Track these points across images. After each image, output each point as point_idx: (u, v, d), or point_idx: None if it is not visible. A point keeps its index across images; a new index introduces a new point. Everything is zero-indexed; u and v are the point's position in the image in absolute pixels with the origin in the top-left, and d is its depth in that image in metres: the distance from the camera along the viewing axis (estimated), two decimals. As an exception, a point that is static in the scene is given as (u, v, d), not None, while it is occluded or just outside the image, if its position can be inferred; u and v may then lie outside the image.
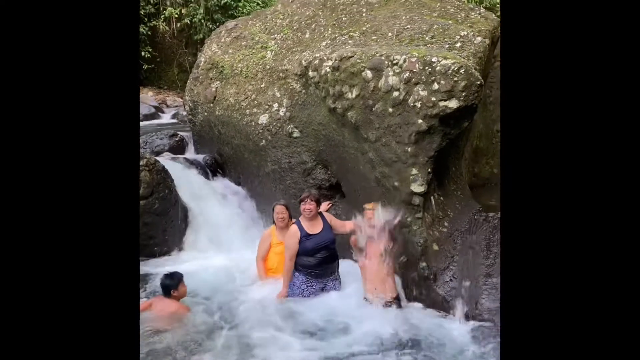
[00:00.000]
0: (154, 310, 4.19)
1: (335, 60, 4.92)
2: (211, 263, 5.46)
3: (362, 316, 4.07)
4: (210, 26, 12.88)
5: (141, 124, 9.97)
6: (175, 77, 14.40)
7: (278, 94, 5.87)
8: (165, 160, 6.34)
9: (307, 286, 4.41)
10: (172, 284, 4.21)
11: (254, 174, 6.29)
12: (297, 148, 5.73)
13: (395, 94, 4.41)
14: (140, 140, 7.22)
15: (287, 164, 5.81)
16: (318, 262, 4.42)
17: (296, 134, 5.72)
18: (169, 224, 5.82)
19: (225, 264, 5.35)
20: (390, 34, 5.31)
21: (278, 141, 5.86)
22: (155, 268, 5.36)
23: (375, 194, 4.75)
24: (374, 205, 4.28)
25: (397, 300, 4.21)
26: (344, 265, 4.74)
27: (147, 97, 11.90)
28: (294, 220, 4.66)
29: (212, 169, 6.68)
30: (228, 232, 5.93)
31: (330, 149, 5.40)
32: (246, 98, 6.21)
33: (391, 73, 4.45)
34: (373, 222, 4.15)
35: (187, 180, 6.27)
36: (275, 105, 5.88)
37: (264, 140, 5.99)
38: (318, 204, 4.50)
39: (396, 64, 4.44)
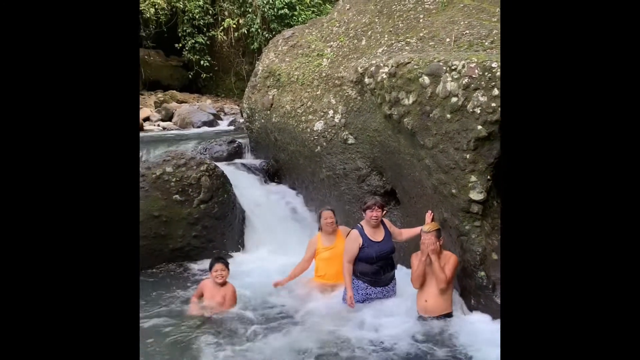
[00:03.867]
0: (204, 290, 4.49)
1: (392, 66, 4.93)
2: (267, 265, 5.57)
3: (415, 326, 4.03)
4: (267, 35, 13.19)
5: (200, 130, 10.34)
6: (233, 86, 14.82)
7: (333, 101, 5.94)
8: (223, 165, 6.54)
9: (367, 292, 4.41)
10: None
11: (308, 180, 6.37)
12: (351, 154, 5.75)
13: (454, 99, 4.36)
14: (200, 147, 7.49)
15: (341, 170, 5.84)
16: (377, 270, 4.42)
17: (351, 140, 5.76)
18: (228, 227, 5.99)
19: (281, 267, 5.43)
20: (448, 40, 5.25)
21: (333, 148, 5.91)
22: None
23: (432, 201, 4.70)
24: (431, 226, 4.18)
25: (449, 316, 4.13)
26: (400, 274, 4.71)
27: (206, 105, 12.29)
28: (345, 226, 4.69)
29: (269, 174, 6.83)
30: (284, 236, 6.03)
31: (385, 156, 5.39)
32: (302, 105, 6.31)
33: (449, 79, 4.40)
34: (432, 247, 4.06)
35: (244, 185, 6.45)
36: (331, 112, 5.95)
37: (319, 147, 6.06)
38: (383, 210, 4.50)
39: (455, 69, 4.39)
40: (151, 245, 5.67)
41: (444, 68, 4.48)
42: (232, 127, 10.49)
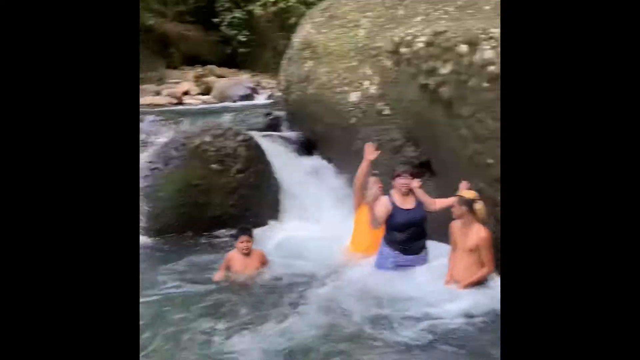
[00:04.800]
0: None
1: (429, 35, 4.86)
2: (300, 235, 5.68)
3: (445, 295, 4.02)
4: (304, 9, 13.11)
5: (237, 104, 10.48)
6: (270, 60, 14.86)
7: (369, 72, 5.91)
8: (260, 137, 6.65)
9: (396, 260, 4.45)
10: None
11: (344, 151, 6.40)
12: (387, 125, 5.74)
13: (491, 68, 4.28)
14: (237, 118, 7.63)
15: (376, 141, 5.84)
16: (407, 238, 4.45)
17: (386, 111, 5.74)
18: (263, 196, 6.13)
19: (313, 236, 5.53)
20: (487, 7, 5.12)
21: (368, 119, 5.91)
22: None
23: (467, 171, 4.67)
24: (465, 193, 4.14)
25: (480, 285, 4.10)
26: (433, 245, 4.72)
27: (243, 79, 12.42)
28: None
29: (304, 145, 6.90)
30: (318, 207, 6.13)
31: (420, 126, 5.36)
32: (338, 76, 6.31)
33: (487, 47, 4.32)
34: (457, 212, 4.04)
35: (280, 156, 6.55)
36: (366, 83, 5.93)
37: (354, 118, 6.07)
38: (413, 179, 4.51)
39: (492, 37, 4.30)
40: (190, 213, 5.87)
41: (482, 36, 4.39)
42: (268, 101, 10.58)
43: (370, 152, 4.87)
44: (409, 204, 4.48)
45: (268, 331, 3.56)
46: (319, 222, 5.93)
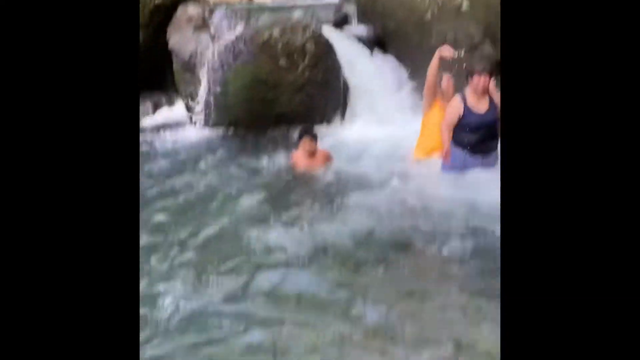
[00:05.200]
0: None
1: None
2: (366, 135, 5.63)
3: None
4: None
5: (308, 1, 10.08)
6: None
7: (450, -40, 5.42)
8: (330, 32, 6.41)
9: (466, 160, 4.32)
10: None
11: (416, 49, 6.08)
12: (464, 21, 5.35)
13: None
14: (307, 14, 7.36)
15: (452, 38, 5.49)
16: (479, 139, 4.27)
17: (465, 6, 5.31)
18: (330, 95, 6.05)
19: (379, 138, 5.46)
20: None
21: (444, 14, 5.53)
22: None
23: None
24: None
25: None
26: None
27: (315, -26, 11.83)
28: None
29: (374, 42, 6.61)
30: (386, 108, 5.98)
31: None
32: (415, -33, 5.85)
33: None
34: None
35: (349, 54, 6.33)
36: (446, -27, 5.46)
37: (429, 14, 5.69)
38: (491, 78, 4.22)
39: None
40: (257, 109, 5.94)
41: None
42: (340, -2, 10.08)
43: (444, 49, 4.57)
44: (482, 104, 4.24)
45: (319, 228, 3.58)
46: (386, 123, 5.81)
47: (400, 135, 5.29)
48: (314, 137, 4.66)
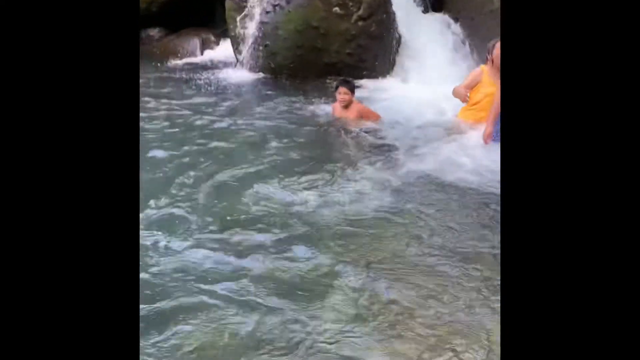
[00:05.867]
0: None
1: None
2: (412, 94, 5.49)
3: None
4: None
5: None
6: None
7: None
8: (387, -16, 6.19)
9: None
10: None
11: (476, 11, 5.84)
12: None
13: None
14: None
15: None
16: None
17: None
18: (382, 49, 5.89)
19: (429, 98, 5.32)
20: None
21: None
22: (360, 90, 5.66)
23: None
24: None
25: None
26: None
27: None
28: None
29: (432, 1, 6.37)
30: (437, 68, 5.80)
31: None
32: None
33: None
34: None
35: (405, 9, 6.14)
36: None
37: (496, -27, 5.40)
38: None
39: None
40: (306, 56, 5.84)
41: None
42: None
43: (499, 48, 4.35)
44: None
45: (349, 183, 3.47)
46: (437, 84, 5.65)
47: (450, 99, 5.15)
48: (351, 89, 4.58)
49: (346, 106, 4.59)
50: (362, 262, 2.47)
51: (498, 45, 4.39)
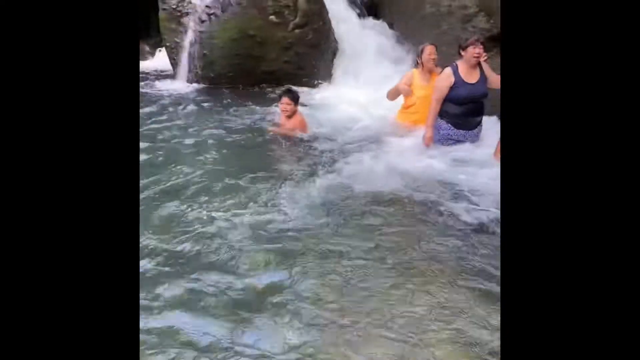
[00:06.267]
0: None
1: None
2: (352, 99, 5.56)
3: (489, 173, 3.86)
4: None
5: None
6: None
7: None
8: (322, -8, 6.26)
9: (449, 133, 4.32)
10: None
11: (409, 16, 5.99)
12: (461, -9, 5.25)
13: None
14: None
15: (446, 7, 5.41)
16: (464, 112, 4.25)
17: (463, -26, 5.21)
18: (319, 56, 5.94)
19: (365, 102, 5.40)
20: None
21: (442, -18, 5.40)
22: (301, 97, 5.67)
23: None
24: None
25: None
26: (489, 122, 4.51)
27: None
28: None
29: (368, 6, 6.49)
30: (373, 72, 5.91)
31: (499, -6, 4.87)
32: None
33: None
34: None
35: (341, 16, 6.23)
36: (446, -62, 5.32)
37: (426, -20, 5.57)
38: (484, 50, 4.17)
39: None
40: (244, 64, 5.80)
41: None
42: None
43: (428, 53, 4.52)
44: (473, 77, 4.20)
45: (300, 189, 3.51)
46: (373, 89, 5.75)
47: (387, 103, 5.25)
48: (293, 99, 4.57)
49: (289, 116, 4.59)
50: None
51: (427, 48, 4.54)
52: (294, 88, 5.21)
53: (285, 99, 4.55)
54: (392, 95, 4.76)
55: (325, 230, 2.93)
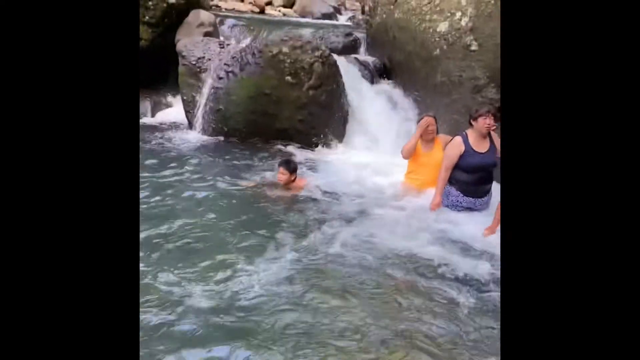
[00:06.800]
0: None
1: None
2: (361, 160, 5.64)
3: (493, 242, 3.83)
4: None
5: (319, 21, 10.23)
6: (357, -19, 14.24)
7: (464, 2, 5.53)
8: (337, 57, 6.49)
9: (458, 200, 4.35)
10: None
11: (420, 84, 6.18)
12: (472, 62, 5.45)
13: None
14: (316, 35, 7.46)
15: (457, 77, 5.59)
16: (474, 181, 4.31)
17: (474, 47, 5.42)
18: (332, 117, 6.08)
19: (374, 165, 5.47)
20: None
21: (453, 52, 5.61)
22: (310, 154, 5.79)
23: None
24: None
25: None
26: (497, 190, 4.55)
27: (328, -3, 12.03)
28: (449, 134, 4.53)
29: (380, 72, 6.70)
30: (384, 136, 6.03)
31: (508, 68, 5.03)
32: (429, 3, 5.96)
33: None
34: None
35: (354, 79, 6.41)
36: (459, 13, 5.57)
37: (438, 50, 5.78)
38: (495, 121, 4.28)
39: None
40: (258, 121, 5.94)
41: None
42: (350, 23, 10.26)
43: (423, 121, 4.64)
44: (483, 146, 4.28)
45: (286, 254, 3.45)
46: (383, 151, 5.85)
47: (395, 164, 5.29)
48: (289, 169, 4.59)
49: (287, 184, 4.61)
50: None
51: (424, 120, 4.63)
52: (296, 155, 5.35)
53: (281, 169, 4.61)
54: (407, 153, 4.78)
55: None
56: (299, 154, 5.83)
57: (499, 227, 3.96)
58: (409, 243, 3.73)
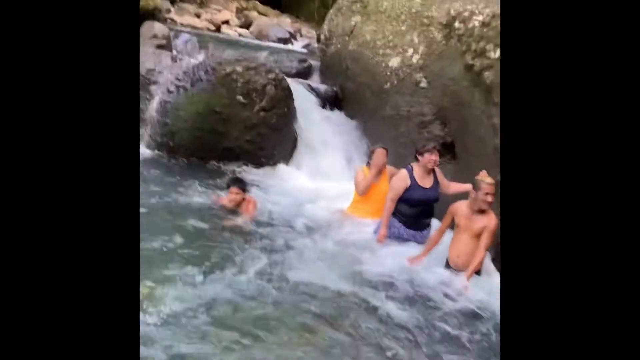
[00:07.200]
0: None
1: (487, 15, 4.69)
2: (306, 186, 5.65)
3: (435, 276, 3.92)
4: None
5: (274, 45, 10.31)
6: (315, 10, 14.52)
7: (416, 40, 5.75)
8: (290, 81, 6.53)
9: (400, 232, 4.42)
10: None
11: (369, 115, 6.31)
12: (420, 98, 5.63)
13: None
14: (271, 58, 7.50)
15: (405, 112, 5.75)
16: (415, 214, 4.40)
17: (423, 84, 5.61)
18: (280, 140, 6.07)
19: (318, 191, 5.49)
20: None
21: (403, 87, 5.79)
22: (255, 176, 5.73)
23: (490, 161, 4.57)
24: (491, 179, 3.94)
25: (478, 273, 4.00)
26: (436, 225, 4.66)
27: (285, 22, 12.19)
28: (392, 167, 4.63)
29: (331, 100, 6.80)
30: (330, 162, 6.09)
31: (454, 107, 5.25)
32: (383, 37, 6.15)
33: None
34: (488, 198, 3.84)
35: (305, 105, 6.46)
36: (410, 50, 5.77)
37: (388, 84, 5.95)
38: (439, 157, 4.40)
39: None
40: (206, 138, 5.84)
41: (543, 27, 4.22)
42: (304, 50, 10.40)
43: (378, 157, 4.73)
44: (427, 182, 4.39)
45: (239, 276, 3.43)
46: (328, 178, 5.89)
47: (339, 193, 5.33)
48: (242, 189, 4.55)
49: (236, 205, 4.54)
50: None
51: (377, 152, 4.72)
52: (243, 174, 5.34)
53: (233, 189, 4.51)
54: (364, 190, 4.79)
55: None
56: (245, 174, 5.76)
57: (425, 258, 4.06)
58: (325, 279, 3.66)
